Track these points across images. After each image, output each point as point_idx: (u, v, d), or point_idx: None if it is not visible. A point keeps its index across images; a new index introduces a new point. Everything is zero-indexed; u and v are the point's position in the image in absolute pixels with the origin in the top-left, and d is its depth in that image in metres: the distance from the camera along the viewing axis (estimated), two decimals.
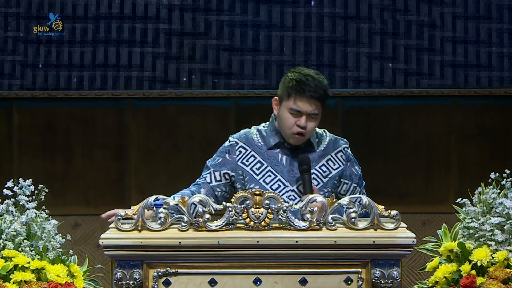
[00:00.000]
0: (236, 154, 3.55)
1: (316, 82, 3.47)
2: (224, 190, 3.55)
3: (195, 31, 5.54)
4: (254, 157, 3.54)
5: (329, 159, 3.56)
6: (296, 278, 2.90)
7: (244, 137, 3.59)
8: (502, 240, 3.05)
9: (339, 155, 3.58)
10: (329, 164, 3.56)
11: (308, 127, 3.47)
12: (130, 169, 5.57)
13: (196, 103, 5.57)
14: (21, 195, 3.11)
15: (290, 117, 3.47)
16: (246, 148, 3.56)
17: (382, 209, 2.91)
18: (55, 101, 5.54)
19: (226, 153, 3.57)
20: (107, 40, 5.53)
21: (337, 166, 3.56)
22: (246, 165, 3.54)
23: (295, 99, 3.45)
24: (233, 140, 3.59)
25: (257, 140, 3.57)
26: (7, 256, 2.98)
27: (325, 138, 3.60)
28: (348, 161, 3.59)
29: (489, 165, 4.87)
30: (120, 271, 2.88)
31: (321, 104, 3.48)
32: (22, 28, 5.51)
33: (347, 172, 3.57)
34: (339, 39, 5.55)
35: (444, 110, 5.61)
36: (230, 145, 3.58)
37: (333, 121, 5.45)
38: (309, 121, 3.46)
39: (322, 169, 3.54)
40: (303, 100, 3.44)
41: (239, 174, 3.54)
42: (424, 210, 5.57)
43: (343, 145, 3.60)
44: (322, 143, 3.58)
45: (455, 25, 5.56)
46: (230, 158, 3.55)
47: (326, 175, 3.54)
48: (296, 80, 3.46)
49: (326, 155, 3.57)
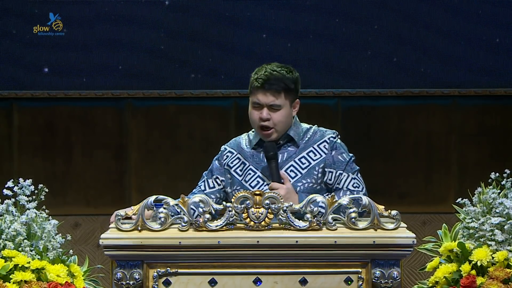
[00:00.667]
0: (224, 158, 3.63)
1: (274, 74, 3.52)
2: (219, 197, 3.61)
3: (195, 31, 5.54)
4: (238, 159, 3.61)
5: (310, 151, 3.56)
6: (296, 278, 2.90)
7: (233, 142, 3.68)
8: (502, 240, 3.05)
9: (322, 145, 3.56)
10: (310, 155, 3.55)
11: (273, 119, 3.51)
12: (130, 169, 5.57)
13: (196, 103, 5.57)
14: (21, 195, 3.11)
15: (253, 111, 3.54)
16: (232, 152, 3.63)
17: (382, 209, 2.91)
18: (55, 101, 5.54)
19: (216, 160, 3.67)
20: (107, 41, 5.53)
21: (317, 157, 3.55)
22: (231, 167, 3.60)
23: (253, 92, 3.53)
24: (223, 147, 3.69)
25: (244, 143, 3.64)
26: (7, 256, 2.98)
27: (309, 132, 3.61)
28: (334, 149, 3.55)
29: (489, 165, 4.86)
30: (120, 271, 2.88)
31: (282, 95, 3.51)
32: (22, 28, 5.51)
33: (330, 160, 3.53)
34: (339, 39, 5.55)
35: (444, 110, 5.61)
36: (220, 152, 3.68)
37: (333, 121, 5.45)
38: (271, 112, 3.50)
39: (301, 161, 3.54)
40: (259, 92, 3.51)
41: (228, 178, 3.60)
42: (424, 210, 5.56)
43: (328, 135, 3.59)
44: (305, 136, 3.59)
45: (455, 25, 5.56)
46: (219, 164, 3.64)
47: (305, 166, 3.53)
48: (256, 75, 3.55)
49: (308, 147, 3.56)
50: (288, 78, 3.54)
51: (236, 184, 3.56)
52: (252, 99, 3.55)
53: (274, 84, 3.51)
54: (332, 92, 5.54)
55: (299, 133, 3.58)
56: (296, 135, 3.57)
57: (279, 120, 3.52)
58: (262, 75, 3.52)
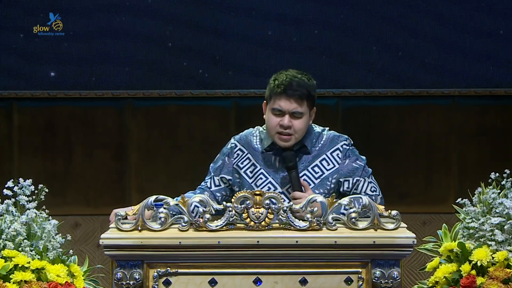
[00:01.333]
0: (234, 157, 3.59)
1: (297, 81, 3.47)
2: (225, 194, 3.59)
3: (195, 31, 5.54)
4: (249, 159, 3.57)
5: (323, 159, 3.53)
6: (296, 278, 2.90)
7: (244, 139, 3.61)
8: (502, 240, 3.05)
9: (335, 153, 3.53)
10: (323, 164, 3.53)
11: (294, 126, 3.46)
12: (130, 169, 5.57)
13: (196, 103, 5.57)
14: (21, 195, 3.11)
15: (273, 117, 3.47)
16: (243, 151, 3.59)
17: (382, 209, 2.91)
18: (55, 101, 5.54)
19: (226, 155, 3.61)
20: (108, 40, 5.52)
21: (331, 166, 3.52)
22: (240, 167, 3.57)
23: (276, 99, 3.46)
24: (234, 142, 3.62)
25: (255, 142, 3.59)
26: (7, 256, 2.98)
27: (322, 137, 3.57)
28: (347, 157, 3.53)
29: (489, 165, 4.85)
30: (120, 271, 2.88)
31: (305, 103, 3.46)
32: (22, 28, 5.51)
33: (344, 170, 3.52)
34: (339, 39, 5.55)
35: (444, 110, 5.61)
36: (230, 148, 3.61)
37: (333, 121, 5.45)
38: (293, 119, 3.45)
39: (315, 170, 3.52)
40: (283, 99, 3.44)
41: (236, 177, 3.57)
42: (424, 210, 5.56)
43: (341, 142, 3.55)
44: (318, 142, 3.56)
45: (455, 25, 5.56)
46: (228, 162, 3.59)
47: (319, 176, 3.51)
48: (277, 81, 3.48)
49: (321, 155, 3.54)
50: (309, 85, 3.49)
51: (246, 187, 3.53)
52: (272, 106, 3.47)
53: (297, 91, 3.44)
54: (332, 92, 5.54)
55: (312, 140, 3.55)
56: (310, 143, 3.54)
57: (299, 128, 3.47)
58: (284, 81, 3.45)
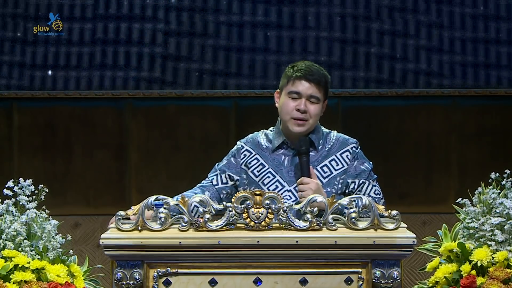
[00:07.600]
0: (241, 157, 3.60)
1: (316, 68, 3.54)
2: (229, 193, 3.59)
3: (195, 31, 5.54)
4: (257, 159, 3.58)
5: (332, 159, 3.56)
6: (296, 278, 2.90)
7: (251, 141, 3.63)
8: (502, 240, 3.05)
9: (345, 155, 3.56)
10: (332, 164, 3.55)
11: (310, 111, 3.49)
12: (130, 169, 5.57)
13: (196, 103, 5.57)
14: (21, 195, 3.11)
15: (289, 101, 3.51)
16: (250, 151, 3.60)
17: (382, 209, 2.91)
18: (55, 101, 5.54)
19: (232, 156, 3.62)
20: (108, 40, 5.53)
21: (340, 166, 3.55)
22: (248, 167, 3.57)
23: (293, 82, 3.51)
24: (240, 144, 3.64)
25: (262, 143, 3.61)
26: (7, 256, 2.98)
27: (331, 138, 3.60)
28: (356, 159, 3.56)
29: (489, 165, 4.86)
30: (120, 271, 2.88)
31: (322, 90, 3.52)
32: (22, 28, 5.51)
33: (352, 171, 3.55)
34: (339, 39, 5.55)
35: (444, 110, 5.61)
36: (237, 149, 3.63)
37: (333, 121, 5.44)
38: (309, 104, 3.49)
39: (323, 169, 3.54)
40: (301, 81, 3.50)
41: (243, 178, 3.58)
42: (424, 210, 5.56)
43: (351, 144, 3.59)
44: (327, 143, 3.58)
45: (455, 25, 5.56)
46: (235, 162, 3.60)
47: (327, 175, 3.53)
48: (296, 67, 3.54)
49: (330, 155, 3.56)
50: (326, 75, 3.57)
51: (253, 185, 3.53)
52: (289, 89, 3.51)
53: (316, 76, 3.50)
54: (332, 92, 5.53)
55: (319, 137, 3.57)
56: (317, 140, 3.55)
57: (315, 113, 3.51)
58: (303, 67, 3.52)
